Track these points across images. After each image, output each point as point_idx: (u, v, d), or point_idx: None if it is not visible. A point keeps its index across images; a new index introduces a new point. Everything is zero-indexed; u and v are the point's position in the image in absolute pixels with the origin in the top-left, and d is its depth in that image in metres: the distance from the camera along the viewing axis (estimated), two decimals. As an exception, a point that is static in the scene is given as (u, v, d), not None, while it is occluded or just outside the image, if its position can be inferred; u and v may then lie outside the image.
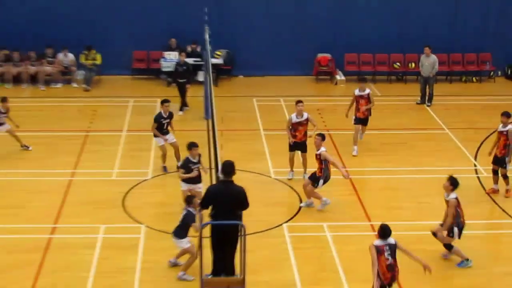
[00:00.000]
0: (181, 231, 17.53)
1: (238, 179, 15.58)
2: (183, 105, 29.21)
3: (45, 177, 23.20)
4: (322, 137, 20.69)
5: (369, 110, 24.79)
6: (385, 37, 33.23)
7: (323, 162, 20.34)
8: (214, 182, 16.55)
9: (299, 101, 22.81)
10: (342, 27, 33.61)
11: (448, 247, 18.17)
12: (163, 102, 23.20)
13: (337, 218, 19.36)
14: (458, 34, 33.78)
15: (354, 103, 24.90)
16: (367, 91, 24.64)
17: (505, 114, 21.73)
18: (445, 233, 18.02)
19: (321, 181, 20.45)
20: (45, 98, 30.48)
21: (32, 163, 24.13)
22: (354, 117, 24.93)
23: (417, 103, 30.51)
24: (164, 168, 23.51)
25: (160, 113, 23.14)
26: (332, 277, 17.68)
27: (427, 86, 30.52)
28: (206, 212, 15.92)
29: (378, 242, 15.34)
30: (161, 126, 23.04)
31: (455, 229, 17.63)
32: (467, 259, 18.17)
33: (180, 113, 28.73)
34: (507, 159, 21.49)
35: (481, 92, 32.45)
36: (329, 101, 30.79)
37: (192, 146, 19.77)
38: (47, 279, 17.53)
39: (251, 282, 15.18)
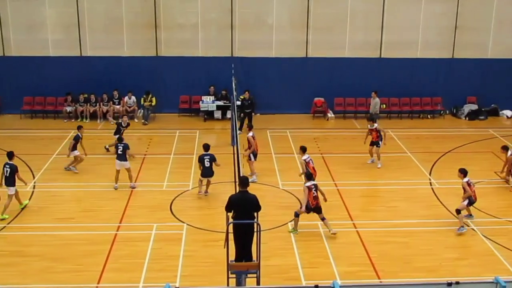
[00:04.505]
0: (11, 181, 19.84)
1: (257, 189, 15.41)
2: (241, 127, 29.15)
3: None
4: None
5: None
6: (364, 86, 32.83)
7: None
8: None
9: (300, 147, 22.02)
10: (333, 79, 33.39)
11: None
12: (79, 128, 25.09)
13: (328, 218, 19.09)
14: (417, 83, 33.56)
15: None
16: (375, 125, 25.23)
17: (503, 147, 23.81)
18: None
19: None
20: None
21: (104, 177, 23.87)
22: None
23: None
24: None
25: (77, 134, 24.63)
26: (324, 262, 17.60)
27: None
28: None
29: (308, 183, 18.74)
30: (76, 143, 24.44)
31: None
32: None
33: (239, 132, 27.90)
34: None
35: (434, 125, 32.10)
36: (322, 132, 30.54)
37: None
38: (114, 264, 17.44)
39: (264, 265, 14.98)
